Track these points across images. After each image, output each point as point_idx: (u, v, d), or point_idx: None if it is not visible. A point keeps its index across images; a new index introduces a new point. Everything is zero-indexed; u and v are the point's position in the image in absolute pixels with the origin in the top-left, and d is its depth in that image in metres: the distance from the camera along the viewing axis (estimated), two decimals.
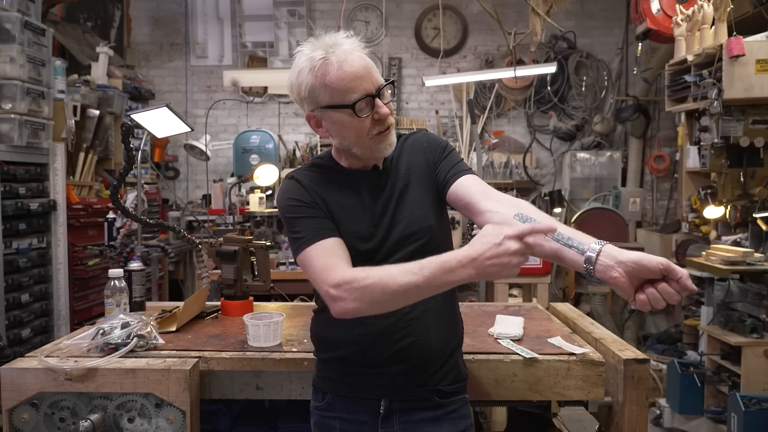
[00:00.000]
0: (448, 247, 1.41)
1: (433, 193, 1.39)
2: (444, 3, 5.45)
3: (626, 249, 1.12)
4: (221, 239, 2.21)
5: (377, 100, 1.26)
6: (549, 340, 1.72)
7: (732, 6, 3.34)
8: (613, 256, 1.10)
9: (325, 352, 1.41)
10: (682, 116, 4.62)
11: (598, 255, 1.11)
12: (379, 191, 1.37)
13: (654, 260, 1.07)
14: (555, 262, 1.23)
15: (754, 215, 3.55)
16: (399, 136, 1.43)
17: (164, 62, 5.98)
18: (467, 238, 3.70)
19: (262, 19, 5.89)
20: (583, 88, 5.76)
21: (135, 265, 2.06)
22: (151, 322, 1.67)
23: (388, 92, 1.30)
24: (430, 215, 1.36)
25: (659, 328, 5.47)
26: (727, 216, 3.75)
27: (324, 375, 1.41)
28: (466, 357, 1.52)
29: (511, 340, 1.70)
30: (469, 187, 1.33)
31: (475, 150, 4.91)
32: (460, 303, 1.48)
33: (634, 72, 5.69)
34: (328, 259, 1.22)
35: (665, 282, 1.07)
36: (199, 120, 5.59)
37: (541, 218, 1.20)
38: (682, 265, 4.34)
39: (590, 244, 1.14)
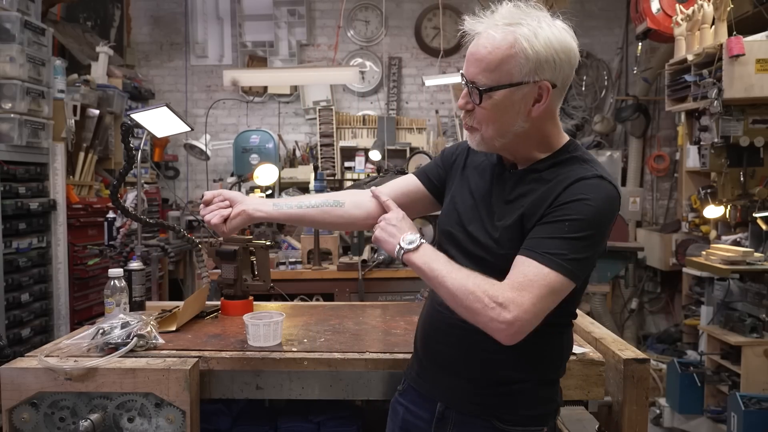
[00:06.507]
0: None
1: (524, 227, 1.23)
2: (444, 3, 5.44)
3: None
4: (221, 239, 2.21)
5: (464, 90, 1.22)
6: None
7: (732, 5, 3.34)
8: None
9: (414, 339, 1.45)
10: (682, 116, 4.62)
11: None
12: (494, 186, 1.30)
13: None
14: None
15: (754, 215, 3.55)
16: (578, 161, 1.23)
17: (164, 62, 5.98)
18: None
19: (262, 18, 5.88)
20: (583, 88, 5.76)
21: (135, 264, 2.06)
22: (151, 322, 1.67)
23: (470, 91, 1.20)
24: (506, 245, 1.22)
25: (659, 328, 5.47)
26: (727, 216, 3.75)
27: (410, 361, 1.45)
28: None
29: None
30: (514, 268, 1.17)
31: None
32: None
33: (634, 72, 5.69)
34: (391, 186, 1.49)
35: None
36: (199, 120, 5.59)
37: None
38: (682, 265, 4.36)
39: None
